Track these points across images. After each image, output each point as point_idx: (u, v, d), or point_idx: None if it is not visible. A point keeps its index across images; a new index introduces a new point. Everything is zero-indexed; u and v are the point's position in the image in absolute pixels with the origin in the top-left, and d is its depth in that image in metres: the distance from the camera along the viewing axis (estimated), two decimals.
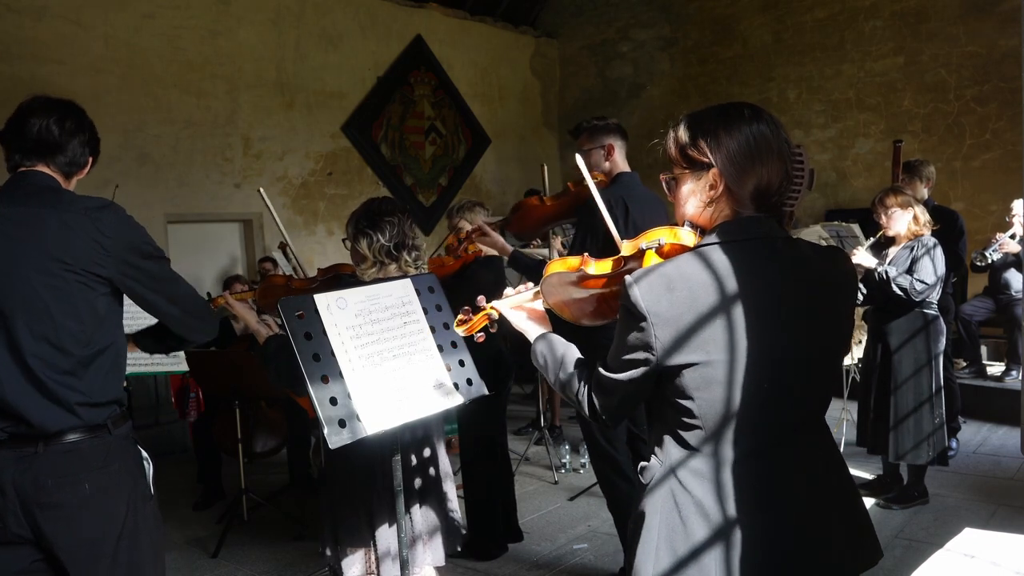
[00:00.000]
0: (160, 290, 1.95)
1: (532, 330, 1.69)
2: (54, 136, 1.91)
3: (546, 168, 4.32)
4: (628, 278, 1.35)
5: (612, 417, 1.48)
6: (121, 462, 1.88)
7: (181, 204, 6.74)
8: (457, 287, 3.70)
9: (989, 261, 5.37)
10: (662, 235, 1.45)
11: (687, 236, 1.44)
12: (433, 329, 2.15)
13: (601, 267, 1.54)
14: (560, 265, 1.59)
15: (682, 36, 8.95)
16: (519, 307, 1.72)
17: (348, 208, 8.08)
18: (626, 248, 1.50)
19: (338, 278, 3.10)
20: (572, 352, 1.59)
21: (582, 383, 1.52)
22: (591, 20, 9.70)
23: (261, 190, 3.39)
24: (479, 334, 1.73)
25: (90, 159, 2.03)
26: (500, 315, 1.73)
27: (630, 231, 3.06)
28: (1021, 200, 5.34)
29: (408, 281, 2.19)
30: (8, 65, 5.70)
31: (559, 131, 10.07)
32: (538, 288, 1.67)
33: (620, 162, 3.20)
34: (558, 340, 1.63)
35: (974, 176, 7.14)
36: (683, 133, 1.42)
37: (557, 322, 1.70)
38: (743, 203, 1.37)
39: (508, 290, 1.76)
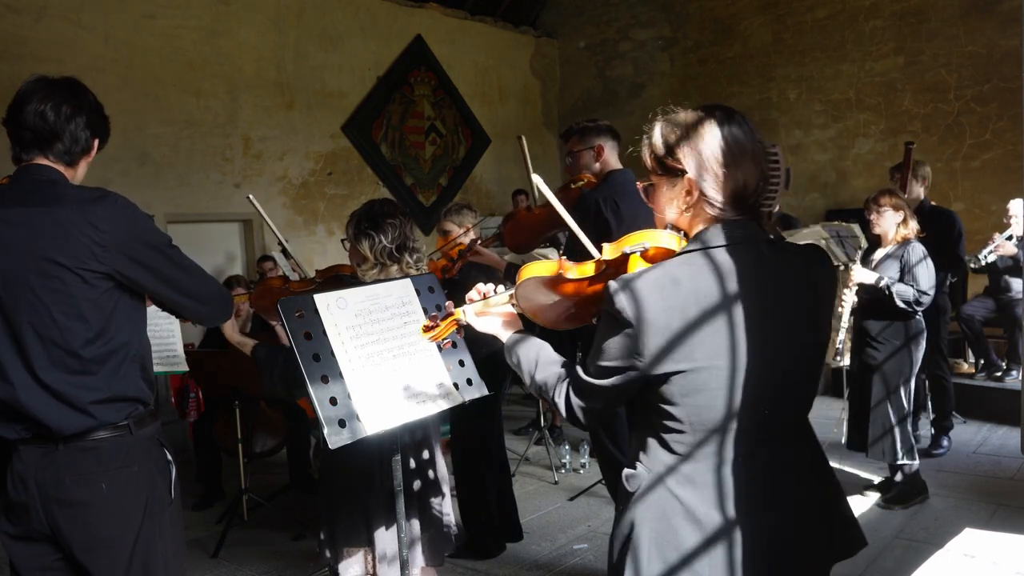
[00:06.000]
0: (167, 281, 1.84)
1: (503, 332, 1.62)
2: (49, 124, 1.80)
3: (524, 140, 3.91)
4: (613, 283, 1.32)
5: (593, 420, 1.45)
6: (141, 464, 1.85)
7: (181, 204, 6.73)
8: (451, 290, 3.71)
9: (983, 264, 5.38)
10: (646, 239, 1.42)
11: (671, 240, 1.42)
12: None
13: (581, 270, 1.49)
14: (537, 269, 1.53)
15: (682, 36, 8.95)
16: (485, 312, 1.64)
17: (348, 208, 8.11)
18: (608, 251, 1.45)
19: (338, 279, 3.09)
20: (547, 352, 1.54)
21: (560, 385, 1.46)
22: (591, 20, 9.70)
23: (251, 197, 3.35)
24: (446, 340, 1.65)
25: (96, 141, 1.89)
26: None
27: (623, 229, 3.07)
28: (1019, 200, 5.34)
29: (408, 281, 2.19)
30: (8, 65, 5.69)
31: (559, 131, 10.06)
32: (512, 292, 1.59)
33: (612, 161, 3.23)
34: (532, 340, 1.57)
35: (974, 176, 7.14)
36: (657, 140, 1.41)
37: (530, 325, 1.65)
38: (722, 207, 1.36)
39: (473, 294, 1.67)
